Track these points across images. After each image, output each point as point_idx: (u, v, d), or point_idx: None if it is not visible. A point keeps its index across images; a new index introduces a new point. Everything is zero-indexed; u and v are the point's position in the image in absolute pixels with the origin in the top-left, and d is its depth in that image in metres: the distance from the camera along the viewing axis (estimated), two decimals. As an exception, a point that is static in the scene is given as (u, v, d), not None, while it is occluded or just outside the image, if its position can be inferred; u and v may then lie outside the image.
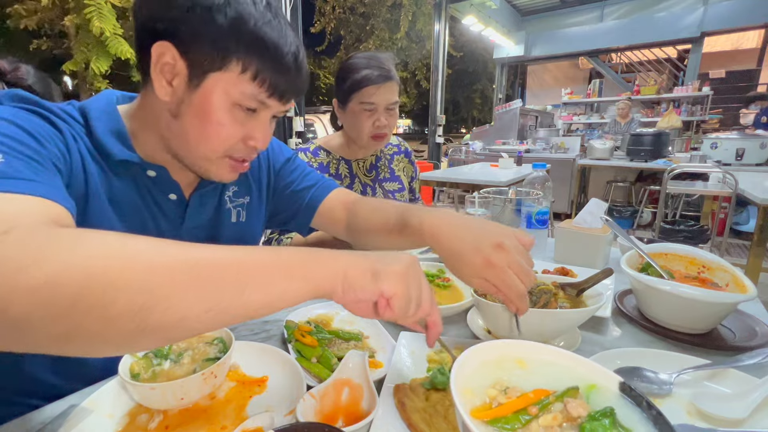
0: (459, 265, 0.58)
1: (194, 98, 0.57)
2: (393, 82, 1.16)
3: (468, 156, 5.43)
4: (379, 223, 0.75)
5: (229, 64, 0.55)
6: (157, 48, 0.54)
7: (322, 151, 1.28)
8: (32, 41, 9.32)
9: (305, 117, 3.01)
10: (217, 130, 0.59)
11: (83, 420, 0.48)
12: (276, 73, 0.58)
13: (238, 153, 0.63)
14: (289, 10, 2.71)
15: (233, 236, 0.79)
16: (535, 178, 1.31)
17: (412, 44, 12.40)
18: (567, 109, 8.52)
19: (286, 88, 0.60)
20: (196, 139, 0.60)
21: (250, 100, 0.58)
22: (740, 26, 6.89)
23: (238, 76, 0.56)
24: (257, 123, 0.62)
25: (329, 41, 12.79)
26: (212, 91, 0.56)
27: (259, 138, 0.62)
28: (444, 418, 0.49)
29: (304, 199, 0.87)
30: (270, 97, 0.59)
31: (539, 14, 8.52)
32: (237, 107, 0.58)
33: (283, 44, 0.57)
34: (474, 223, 0.60)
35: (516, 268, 0.55)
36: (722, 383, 0.56)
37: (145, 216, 0.66)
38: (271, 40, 0.56)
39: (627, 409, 0.28)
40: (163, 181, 0.66)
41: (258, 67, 0.56)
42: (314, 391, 0.50)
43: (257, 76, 0.57)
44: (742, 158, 3.77)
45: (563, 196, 4.92)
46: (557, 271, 0.94)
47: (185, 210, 0.70)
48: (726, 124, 7.34)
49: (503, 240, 0.56)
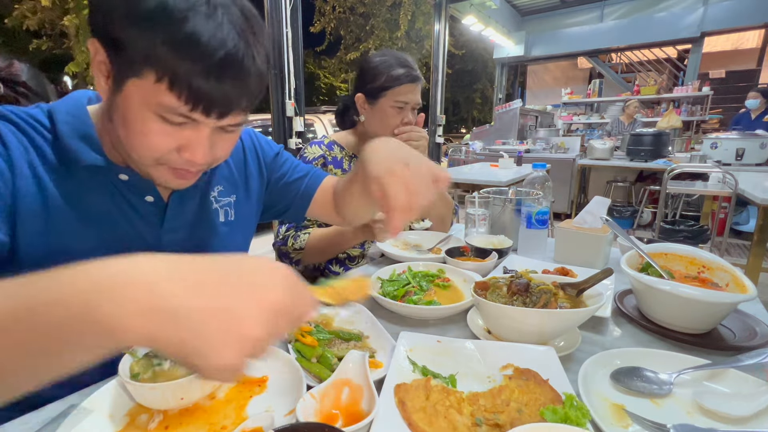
0: (368, 166, 0.59)
1: (118, 103, 0.52)
2: (421, 83, 1.22)
3: (468, 156, 5.43)
4: (350, 188, 0.77)
5: (143, 70, 0.47)
6: (91, 45, 0.50)
7: (336, 146, 1.30)
8: (32, 41, 9.33)
9: (305, 117, 3.00)
10: (139, 139, 0.53)
11: (83, 420, 0.48)
12: (200, 84, 0.48)
13: (175, 163, 0.56)
14: (290, 10, 2.71)
15: (224, 236, 0.78)
16: (535, 178, 1.31)
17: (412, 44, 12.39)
18: (567, 109, 8.51)
19: (214, 101, 0.50)
20: (126, 144, 0.55)
21: (170, 113, 0.50)
22: (740, 26, 6.88)
23: (154, 85, 0.48)
24: (191, 136, 0.54)
25: (329, 41, 12.79)
26: (131, 98, 0.50)
27: (196, 154, 0.55)
28: (444, 417, 0.49)
29: (299, 188, 0.89)
30: (193, 112, 0.50)
31: (539, 14, 8.51)
32: (160, 118, 0.51)
33: (213, 48, 0.47)
34: (402, 147, 0.62)
35: (411, 186, 0.56)
36: (722, 383, 0.56)
37: (120, 221, 0.63)
38: (198, 42, 0.46)
39: None
40: (136, 184, 0.63)
41: (175, 75, 0.47)
42: (314, 391, 0.50)
43: (174, 87, 0.48)
44: (742, 158, 3.77)
45: (563, 196, 4.92)
46: (557, 271, 0.94)
47: (164, 212, 0.68)
48: (726, 124, 7.33)
49: (413, 160, 0.58)
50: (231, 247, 0.80)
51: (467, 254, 1.05)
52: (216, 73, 0.48)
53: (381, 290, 0.85)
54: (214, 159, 0.59)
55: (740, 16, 6.59)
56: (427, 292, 0.86)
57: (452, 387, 0.55)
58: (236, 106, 0.53)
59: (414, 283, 0.88)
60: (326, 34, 12.42)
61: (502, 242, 1.14)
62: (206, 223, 0.76)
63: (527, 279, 0.82)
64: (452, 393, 0.53)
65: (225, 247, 0.79)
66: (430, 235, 1.26)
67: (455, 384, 0.56)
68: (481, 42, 8.73)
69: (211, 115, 0.52)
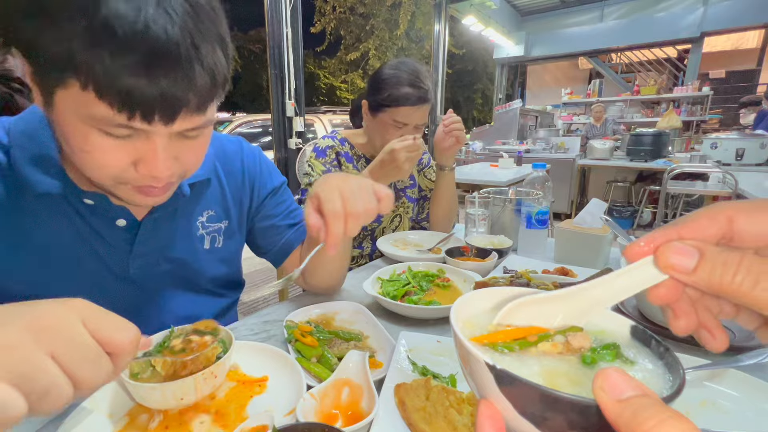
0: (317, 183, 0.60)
1: (54, 119, 0.45)
2: (428, 104, 1.16)
3: (468, 156, 5.43)
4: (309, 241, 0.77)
5: (65, 77, 0.40)
6: (15, 55, 0.47)
7: (347, 143, 1.29)
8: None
9: (305, 117, 3.00)
10: (84, 158, 0.46)
11: (83, 420, 0.48)
12: (128, 82, 0.40)
13: (136, 181, 0.49)
14: (290, 10, 2.71)
15: (205, 263, 0.74)
16: (535, 178, 1.31)
17: (412, 44, 12.41)
18: (567, 109, 8.52)
19: (151, 103, 0.42)
20: (77, 164, 0.48)
21: (108, 125, 0.43)
22: (740, 26, 6.89)
23: (81, 94, 0.41)
24: (144, 147, 0.46)
25: (329, 41, 12.81)
26: (64, 113, 0.43)
27: (154, 168, 0.47)
28: (444, 417, 0.49)
29: (282, 236, 0.83)
30: (131, 120, 0.42)
31: (539, 14, 8.51)
32: (101, 132, 0.44)
33: (135, 31, 0.38)
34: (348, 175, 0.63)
35: (345, 192, 0.56)
36: (722, 383, 0.56)
37: (80, 251, 0.59)
38: (113, 27, 0.38)
39: (634, 348, 0.27)
40: (104, 208, 0.58)
41: (98, 79, 0.39)
42: (314, 391, 0.50)
43: (102, 93, 0.40)
44: (742, 158, 3.77)
45: (563, 196, 4.92)
46: (557, 271, 0.94)
47: (136, 236, 0.63)
48: (726, 124, 7.34)
49: (354, 178, 0.58)
50: (213, 276, 0.75)
51: (467, 254, 1.05)
52: (145, 68, 0.40)
53: (381, 290, 0.85)
54: (183, 171, 0.53)
55: (740, 16, 6.59)
56: (427, 292, 0.86)
57: (452, 387, 0.55)
58: (182, 106, 0.44)
59: (414, 283, 0.88)
60: (326, 34, 12.45)
61: (502, 242, 1.14)
62: (184, 249, 0.70)
63: (527, 279, 0.82)
64: (452, 393, 0.53)
65: (204, 274, 0.73)
66: (430, 235, 1.26)
67: (455, 384, 0.56)
68: (481, 42, 8.73)
69: (153, 122, 0.43)
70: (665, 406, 0.17)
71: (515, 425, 0.22)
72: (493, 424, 0.22)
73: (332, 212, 0.55)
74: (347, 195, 0.55)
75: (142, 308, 0.68)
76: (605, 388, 0.18)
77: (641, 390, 0.18)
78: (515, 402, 0.21)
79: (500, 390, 0.22)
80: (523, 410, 0.21)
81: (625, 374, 0.19)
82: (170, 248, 0.68)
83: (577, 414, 0.20)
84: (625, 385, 0.18)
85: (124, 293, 0.65)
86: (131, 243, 0.63)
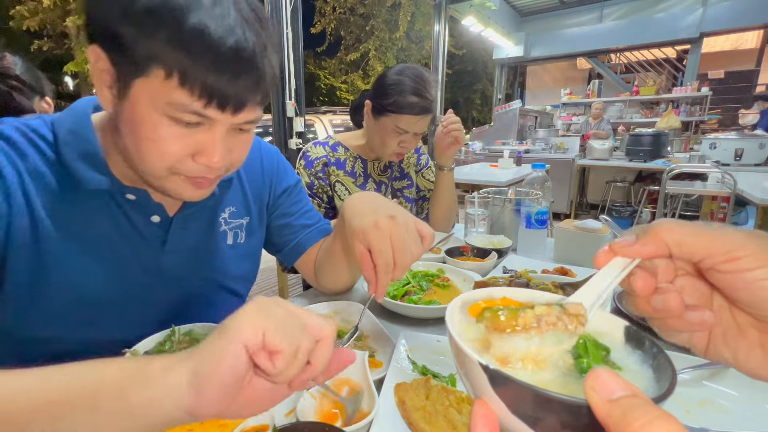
0: (353, 222, 0.59)
1: (124, 110, 0.49)
2: (431, 115, 1.16)
3: (468, 156, 5.44)
4: (332, 247, 0.76)
5: (150, 67, 0.45)
6: (91, 53, 0.47)
7: (340, 147, 1.29)
8: (33, 42, 9.34)
9: (305, 117, 3.01)
10: (149, 146, 0.49)
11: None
12: (211, 77, 0.46)
13: (191, 171, 0.53)
14: (290, 10, 2.71)
15: (229, 260, 0.74)
16: (535, 179, 1.31)
17: (412, 44, 12.42)
18: (566, 109, 8.52)
19: (228, 94, 0.48)
20: (136, 155, 0.52)
21: (182, 112, 0.47)
22: (739, 27, 6.90)
23: (163, 83, 0.45)
24: (206, 138, 0.51)
25: (329, 41, 12.82)
26: (138, 102, 0.47)
27: (213, 156, 0.51)
28: (444, 416, 0.49)
29: (296, 236, 0.84)
30: (207, 108, 0.48)
31: (539, 15, 8.52)
32: (171, 120, 0.48)
33: (221, 37, 0.44)
34: (383, 199, 0.62)
35: (396, 242, 0.55)
36: (721, 383, 0.56)
37: (119, 244, 0.61)
38: (204, 32, 0.44)
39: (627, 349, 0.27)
40: (144, 204, 0.61)
41: (185, 69, 0.45)
42: (314, 391, 0.50)
43: (185, 82, 0.45)
44: (741, 158, 3.77)
45: (563, 197, 4.93)
46: (557, 271, 0.94)
47: (167, 232, 0.65)
48: (725, 125, 7.34)
49: (399, 215, 0.57)
50: (235, 272, 0.76)
51: (467, 254, 1.06)
52: (228, 65, 0.46)
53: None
54: (231, 164, 0.57)
55: (739, 17, 6.60)
56: (427, 292, 0.86)
57: (452, 386, 0.55)
58: (251, 99, 0.50)
59: (414, 283, 0.88)
60: (326, 34, 12.46)
61: (501, 242, 1.14)
62: (210, 246, 0.72)
63: (526, 279, 0.82)
64: (452, 392, 0.53)
65: (228, 271, 0.75)
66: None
67: (455, 383, 0.56)
68: (480, 42, 8.74)
69: (226, 110, 0.49)
70: (654, 405, 0.18)
71: (509, 425, 0.22)
72: (486, 423, 0.22)
73: (384, 265, 0.54)
74: (398, 245, 0.55)
75: (171, 303, 0.69)
76: (596, 389, 0.19)
77: (631, 390, 0.19)
78: (509, 402, 0.22)
79: (494, 390, 0.22)
80: (516, 410, 0.22)
81: (615, 375, 0.19)
82: (198, 245, 0.70)
83: (568, 414, 0.20)
84: (616, 386, 0.19)
85: (154, 288, 0.66)
86: (164, 239, 0.65)
